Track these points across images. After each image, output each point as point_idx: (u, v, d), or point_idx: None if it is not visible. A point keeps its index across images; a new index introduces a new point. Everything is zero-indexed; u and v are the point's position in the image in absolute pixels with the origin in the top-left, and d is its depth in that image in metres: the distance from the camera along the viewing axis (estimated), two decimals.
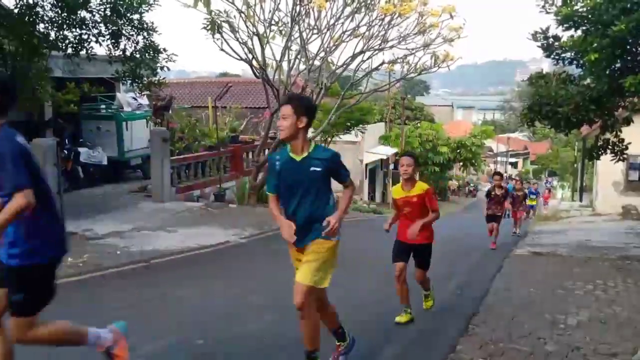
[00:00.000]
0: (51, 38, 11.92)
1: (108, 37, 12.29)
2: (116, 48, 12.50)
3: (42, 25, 11.79)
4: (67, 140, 15.57)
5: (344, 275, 8.63)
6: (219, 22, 13.95)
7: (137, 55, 12.54)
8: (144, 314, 6.36)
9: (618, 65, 9.91)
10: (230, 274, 8.65)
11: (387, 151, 32.29)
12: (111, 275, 8.02)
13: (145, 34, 12.42)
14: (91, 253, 9.12)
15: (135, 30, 12.34)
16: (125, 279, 7.98)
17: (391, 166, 33.78)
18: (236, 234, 11.53)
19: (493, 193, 12.40)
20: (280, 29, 15.24)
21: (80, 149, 15.43)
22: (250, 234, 11.76)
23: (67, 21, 11.88)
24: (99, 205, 13.46)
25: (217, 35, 14.14)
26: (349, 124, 24.04)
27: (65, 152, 14.42)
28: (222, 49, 14.42)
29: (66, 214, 10.80)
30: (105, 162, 15.99)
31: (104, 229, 11.02)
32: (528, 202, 22.05)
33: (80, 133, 16.61)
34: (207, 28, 13.90)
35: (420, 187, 6.01)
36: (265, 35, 14.90)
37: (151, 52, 12.59)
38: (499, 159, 58.22)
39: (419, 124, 37.90)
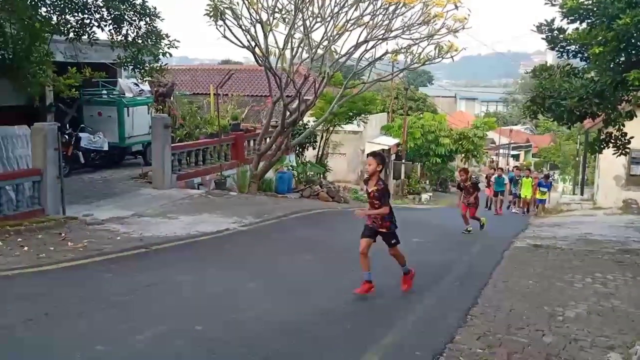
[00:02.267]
0: (53, 22, 11.87)
1: (110, 22, 12.23)
2: (118, 33, 12.45)
3: (44, 9, 11.74)
4: (68, 125, 15.55)
5: (345, 265, 8.68)
6: (221, 8, 13.87)
7: (139, 41, 12.49)
8: (143, 300, 6.38)
9: (622, 58, 9.84)
10: (229, 261, 8.65)
11: (389, 141, 32.23)
12: (111, 261, 8.03)
13: (147, 19, 12.36)
14: (91, 238, 9.13)
15: (138, 16, 12.28)
16: (125, 264, 7.99)
17: (393, 156, 33.76)
18: (236, 221, 11.53)
19: (365, 187, 7.16)
20: (284, 16, 15.15)
21: (81, 134, 15.42)
22: (250, 222, 11.76)
23: (69, 5, 11.84)
24: (99, 191, 13.47)
25: (220, 22, 14.06)
26: (351, 113, 23.98)
27: (66, 137, 14.39)
28: (224, 36, 14.35)
29: (66, 198, 10.85)
30: (106, 148, 15.98)
31: (104, 214, 11.02)
32: (538, 196, 20.26)
33: (82, 118, 16.57)
34: (210, 14, 13.82)
35: None
36: (268, 22, 14.81)
37: (153, 38, 12.53)
38: (501, 151, 58.08)
39: (421, 115, 37.80)
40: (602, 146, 12.34)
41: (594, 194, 24.90)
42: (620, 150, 12.05)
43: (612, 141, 12.03)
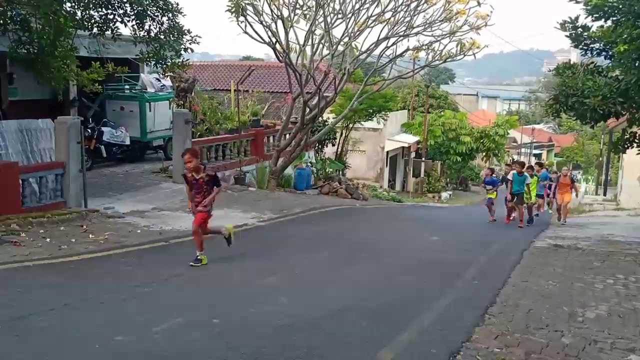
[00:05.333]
0: (77, 17, 12.03)
1: (133, 17, 12.35)
2: (141, 29, 12.56)
3: (68, 4, 11.90)
4: (90, 120, 15.76)
5: (364, 262, 8.68)
6: (243, 4, 13.91)
7: (162, 37, 12.60)
8: (162, 292, 6.45)
9: None
10: (247, 257, 8.69)
11: (409, 139, 32.05)
12: (131, 253, 8.14)
13: (170, 15, 12.46)
14: (112, 231, 9.26)
15: (160, 11, 12.39)
16: (144, 257, 8.09)
17: (412, 154, 33.56)
18: (255, 217, 11.59)
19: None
20: (305, 12, 15.14)
21: (104, 129, 15.61)
22: (269, 217, 11.81)
23: (93, 0, 11.98)
24: (120, 185, 13.63)
25: (241, 18, 14.11)
26: (371, 110, 23.89)
27: (89, 131, 14.59)
28: (245, 32, 14.40)
29: (88, 192, 11.01)
30: (127, 142, 16.16)
31: (125, 207, 11.16)
32: (488, 195, 14.76)
33: (104, 113, 16.78)
34: (232, 10, 13.86)
35: None
36: (289, 18, 14.82)
37: (175, 34, 12.63)
38: (523, 150, 57.38)
39: (442, 113, 37.47)
40: (626, 146, 12.15)
41: (617, 194, 24.50)
42: None
43: (637, 141, 11.83)
